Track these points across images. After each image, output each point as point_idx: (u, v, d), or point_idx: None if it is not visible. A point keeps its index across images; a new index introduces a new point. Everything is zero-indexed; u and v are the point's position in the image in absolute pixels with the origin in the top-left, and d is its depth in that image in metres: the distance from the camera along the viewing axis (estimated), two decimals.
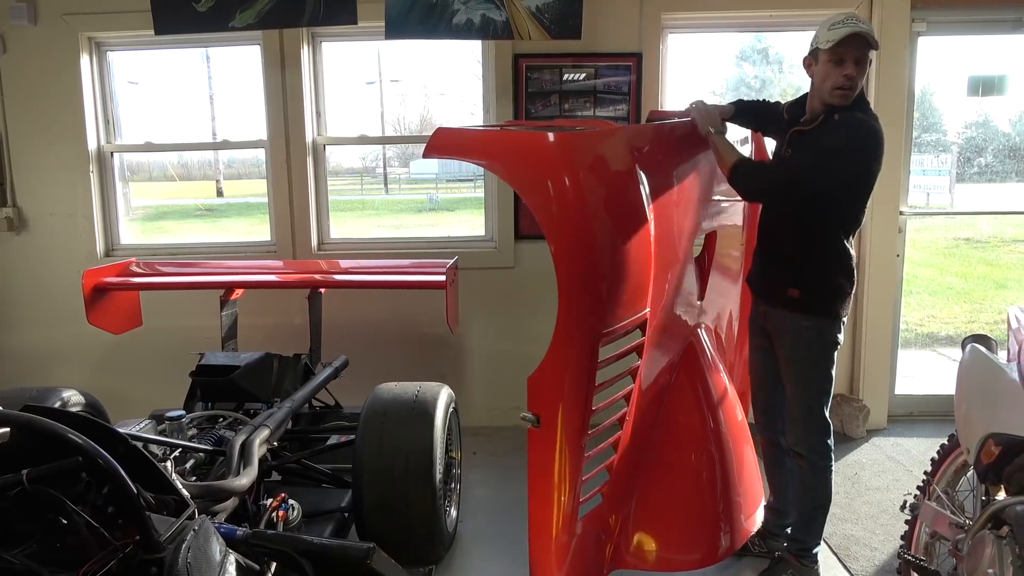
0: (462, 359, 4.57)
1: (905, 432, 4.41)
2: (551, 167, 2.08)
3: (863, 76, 2.48)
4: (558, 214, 2.07)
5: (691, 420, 2.73)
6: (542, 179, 2.07)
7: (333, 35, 4.45)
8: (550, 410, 2.14)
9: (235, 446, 2.45)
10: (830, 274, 2.58)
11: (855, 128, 2.44)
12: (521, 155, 2.18)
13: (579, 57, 4.27)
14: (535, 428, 2.14)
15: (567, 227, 2.08)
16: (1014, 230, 7.76)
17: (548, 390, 2.14)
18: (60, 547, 1.33)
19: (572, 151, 2.15)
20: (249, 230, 5.50)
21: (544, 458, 2.17)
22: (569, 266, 2.07)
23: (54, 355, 4.58)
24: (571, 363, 2.14)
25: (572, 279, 2.09)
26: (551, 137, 2.13)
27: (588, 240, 2.11)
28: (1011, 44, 4.50)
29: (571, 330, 2.12)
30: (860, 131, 2.44)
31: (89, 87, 4.45)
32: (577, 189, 2.09)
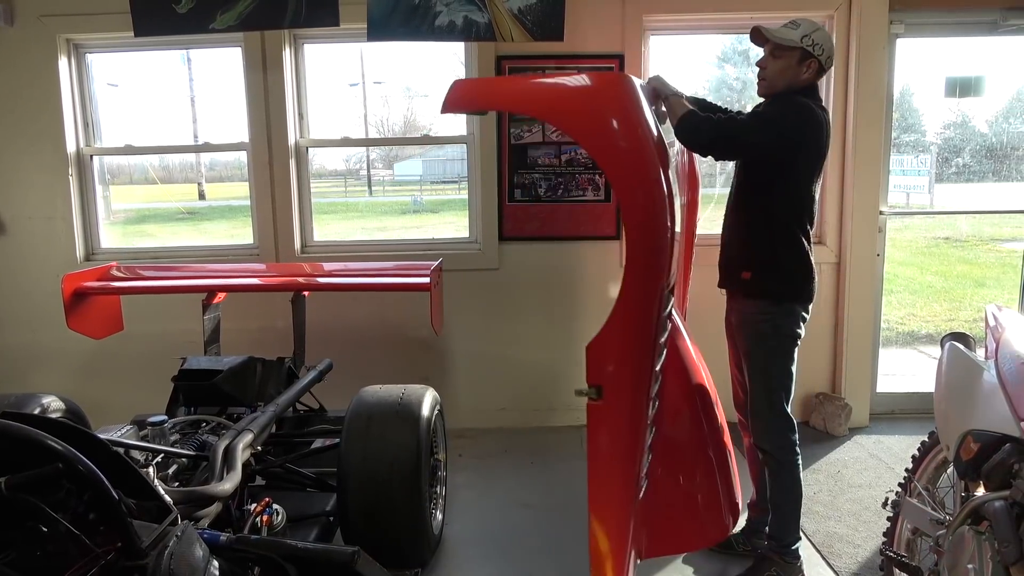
0: (447, 361, 4.56)
1: (887, 430, 4.46)
2: (609, 101, 2.02)
3: (778, 68, 2.63)
4: (627, 154, 1.96)
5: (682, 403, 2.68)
6: (606, 118, 1.98)
7: (315, 37, 4.44)
8: (616, 378, 1.99)
9: (218, 451, 2.43)
10: (779, 257, 2.68)
11: (788, 102, 2.60)
12: (576, 100, 2.07)
13: (561, 59, 4.29)
14: (596, 401, 1.99)
15: (637, 168, 1.96)
16: (992, 229, 7.87)
17: (614, 355, 1.98)
18: (41, 555, 1.32)
19: (626, 86, 2.11)
20: (231, 233, 5.45)
21: (609, 434, 2.03)
22: (638, 211, 1.95)
23: (33, 361, 4.52)
24: (641, 320, 2.01)
25: (641, 226, 1.95)
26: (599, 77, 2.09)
27: (655, 181, 1.98)
28: (988, 46, 4.56)
29: (643, 281, 1.97)
30: (792, 103, 2.59)
31: (67, 89, 4.40)
32: (642, 126, 2.03)
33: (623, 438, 2.06)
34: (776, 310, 2.68)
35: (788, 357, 2.71)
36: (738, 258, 2.77)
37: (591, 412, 2.01)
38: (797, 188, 2.66)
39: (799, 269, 2.70)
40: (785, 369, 2.71)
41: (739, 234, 2.78)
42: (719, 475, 2.66)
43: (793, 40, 2.58)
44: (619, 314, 1.98)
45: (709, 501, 2.65)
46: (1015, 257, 5.01)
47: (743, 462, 2.98)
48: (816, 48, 2.60)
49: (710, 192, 4.40)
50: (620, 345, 2.00)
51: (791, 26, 2.62)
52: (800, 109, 2.57)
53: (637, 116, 2.04)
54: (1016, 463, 1.81)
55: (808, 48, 2.59)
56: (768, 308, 2.69)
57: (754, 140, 2.53)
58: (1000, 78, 4.68)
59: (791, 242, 2.68)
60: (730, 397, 3.02)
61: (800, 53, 2.60)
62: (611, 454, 2.08)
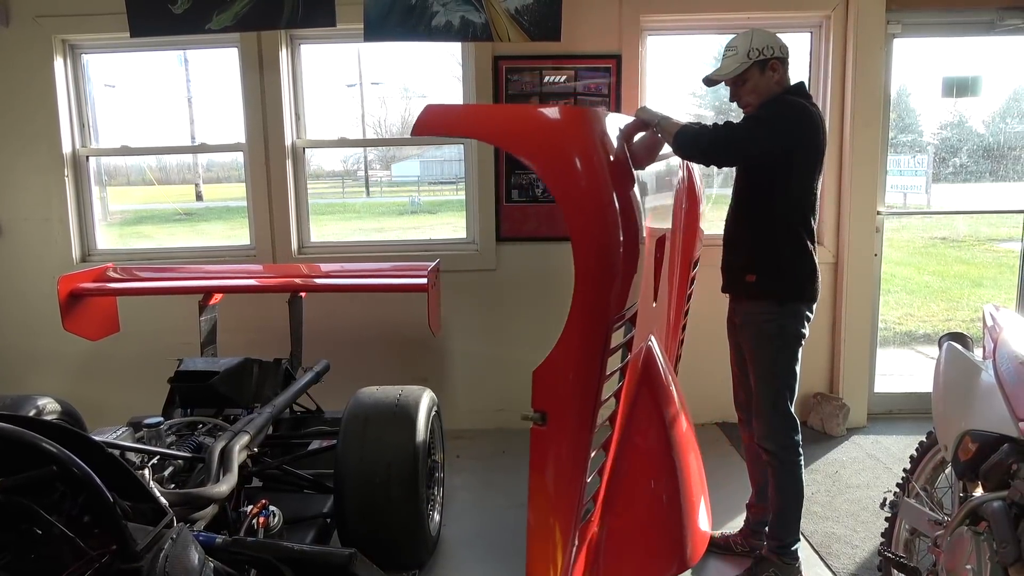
0: (444, 362, 4.56)
1: (884, 430, 4.46)
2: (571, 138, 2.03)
3: (750, 90, 2.67)
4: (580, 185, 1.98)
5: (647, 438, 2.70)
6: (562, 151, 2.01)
7: (312, 37, 4.43)
8: (559, 405, 2.03)
9: (214, 453, 2.42)
10: (783, 257, 2.67)
11: (781, 103, 2.62)
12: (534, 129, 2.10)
13: (558, 59, 4.28)
14: (540, 427, 2.02)
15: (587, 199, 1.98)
16: (989, 229, 7.88)
17: (558, 383, 2.02)
18: (35, 558, 1.31)
19: (591, 123, 2.12)
20: (228, 234, 5.44)
21: (551, 459, 2.06)
22: (589, 239, 1.97)
23: (29, 362, 4.51)
24: (586, 351, 2.02)
25: (591, 254, 1.98)
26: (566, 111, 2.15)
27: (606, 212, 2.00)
28: (985, 46, 4.56)
29: (589, 313, 2.00)
30: (784, 103, 2.61)
31: (63, 90, 4.39)
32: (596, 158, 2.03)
33: (565, 465, 2.09)
34: (781, 311, 2.68)
35: (793, 357, 2.71)
36: (742, 261, 2.77)
37: (534, 437, 2.05)
38: (798, 187, 2.65)
39: (803, 269, 2.69)
40: (790, 369, 2.71)
41: (742, 237, 2.79)
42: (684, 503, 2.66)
43: (743, 62, 2.62)
44: (565, 343, 2.02)
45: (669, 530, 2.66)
46: (1012, 257, 5.02)
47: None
48: (766, 51, 2.61)
49: (707, 192, 4.40)
50: (565, 374, 2.03)
51: (731, 52, 2.67)
52: (793, 107, 2.59)
53: (595, 155, 2.04)
54: (1014, 463, 1.81)
55: (759, 59, 2.61)
56: (773, 309, 2.68)
57: (752, 141, 2.51)
58: (997, 78, 4.69)
59: (794, 242, 2.67)
60: (725, 398, 3.02)
61: (757, 66, 2.62)
62: (552, 480, 2.10)
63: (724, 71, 2.67)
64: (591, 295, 2.02)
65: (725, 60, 2.68)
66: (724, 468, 3.87)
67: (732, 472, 3.85)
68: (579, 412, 2.06)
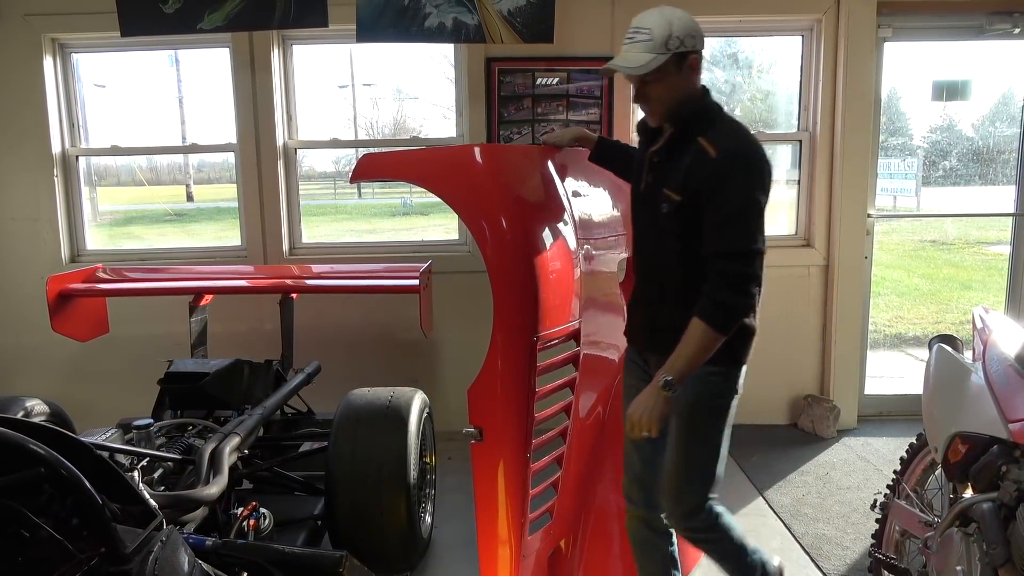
0: (436, 364, 4.55)
1: (875, 432, 4.48)
2: (478, 175, 2.15)
3: (662, 90, 2.07)
4: (489, 221, 2.10)
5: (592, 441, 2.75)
6: (470, 187, 2.12)
7: (304, 38, 4.42)
8: (492, 421, 2.13)
9: (205, 454, 2.41)
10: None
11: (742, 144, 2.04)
12: (449, 168, 2.25)
13: (551, 61, 4.28)
14: (478, 442, 2.13)
15: (498, 233, 2.10)
16: (978, 232, 7.93)
17: (489, 400, 2.13)
18: (22, 561, 1.29)
19: (500, 162, 2.25)
20: (219, 235, 5.42)
21: (489, 473, 2.16)
22: (502, 271, 2.10)
23: (17, 363, 4.47)
24: (510, 370, 2.13)
25: (505, 283, 2.11)
26: (477, 150, 2.23)
27: (518, 242, 2.13)
28: (974, 50, 4.60)
29: (507, 335, 2.13)
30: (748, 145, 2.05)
31: (53, 89, 4.36)
32: (504, 194, 2.16)
33: (505, 478, 2.17)
34: (726, 368, 2.23)
35: (725, 416, 2.30)
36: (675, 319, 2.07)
37: (474, 452, 2.16)
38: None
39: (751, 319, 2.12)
40: (721, 431, 2.27)
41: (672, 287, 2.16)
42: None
43: (658, 53, 2.01)
44: (490, 363, 2.13)
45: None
46: (1001, 260, 5.05)
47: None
48: (687, 41, 2.03)
49: None
50: (494, 392, 2.14)
51: (644, 35, 2.03)
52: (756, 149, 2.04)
53: (501, 192, 2.15)
54: (1004, 465, 1.82)
55: (680, 50, 2.03)
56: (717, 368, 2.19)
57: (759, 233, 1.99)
58: (986, 82, 4.72)
59: None
60: None
61: (674, 59, 2.03)
62: (495, 494, 2.17)
63: (634, 63, 2.02)
64: (508, 318, 2.13)
65: (634, 45, 2.04)
66: None
67: (726, 474, 3.85)
68: (512, 428, 2.15)
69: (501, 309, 2.11)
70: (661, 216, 2.11)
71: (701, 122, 2.08)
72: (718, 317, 1.96)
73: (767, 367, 4.54)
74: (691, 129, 2.07)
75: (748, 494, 3.67)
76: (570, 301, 2.35)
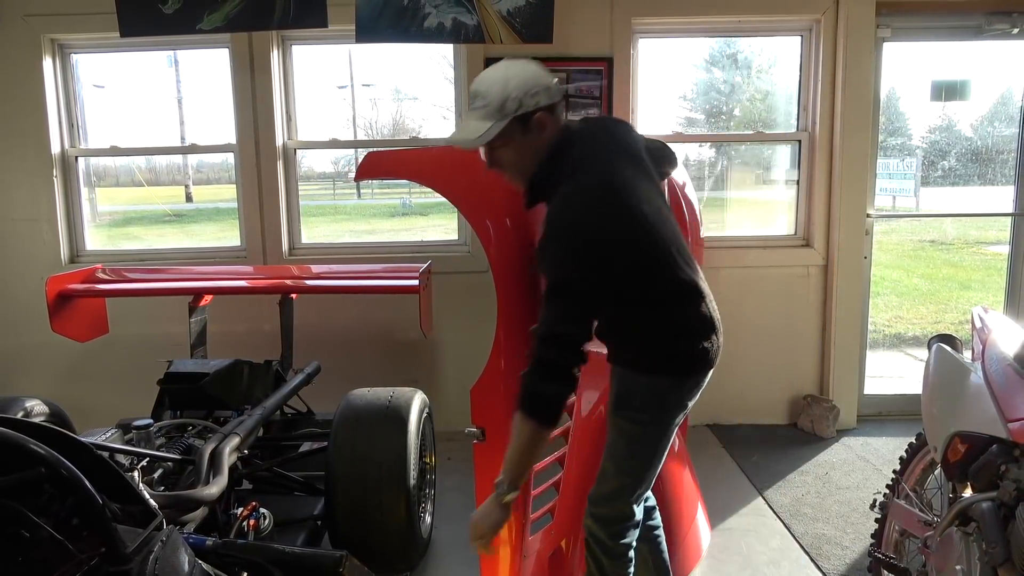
0: (435, 364, 4.55)
1: (874, 431, 4.48)
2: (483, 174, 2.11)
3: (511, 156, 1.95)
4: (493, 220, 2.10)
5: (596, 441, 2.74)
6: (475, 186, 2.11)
7: (303, 38, 4.42)
8: (495, 422, 2.12)
9: (204, 455, 2.41)
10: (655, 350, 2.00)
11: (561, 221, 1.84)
12: (454, 167, 2.25)
13: (550, 61, 4.27)
14: (480, 442, 2.12)
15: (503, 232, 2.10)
16: (977, 232, 7.93)
17: (491, 401, 2.13)
18: (23, 561, 1.30)
19: None
20: (219, 235, 5.41)
21: (491, 473, 2.11)
22: (505, 268, 2.09)
23: (17, 364, 4.47)
24: (513, 370, 2.11)
25: (509, 283, 2.10)
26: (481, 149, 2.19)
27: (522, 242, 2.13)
28: (973, 50, 4.60)
29: (511, 336, 2.13)
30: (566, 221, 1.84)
31: (52, 90, 4.36)
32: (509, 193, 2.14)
33: None
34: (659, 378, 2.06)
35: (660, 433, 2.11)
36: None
37: (476, 452, 2.17)
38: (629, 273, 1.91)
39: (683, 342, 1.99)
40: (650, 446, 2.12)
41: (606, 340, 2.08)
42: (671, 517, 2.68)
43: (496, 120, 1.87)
44: (493, 362, 2.15)
45: None
46: (1000, 260, 5.05)
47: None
48: (527, 100, 1.87)
49: (700, 195, 4.42)
50: (497, 392, 2.15)
51: (480, 102, 1.89)
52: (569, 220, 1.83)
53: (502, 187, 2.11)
54: (1003, 464, 1.82)
55: (516, 111, 1.87)
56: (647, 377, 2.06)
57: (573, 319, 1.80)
58: (985, 82, 4.72)
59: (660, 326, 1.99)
60: (717, 400, 3.02)
61: (518, 124, 1.89)
62: None
63: (471, 134, 1.88)
64: (511, 318, 2.14)
65: (472, 113, 1.90)
66: (717, 470, 3.89)
67: (725, 474, 3.87)
68: None
69: (505, 309, 2.11)
70: None
71: (549, 186, 1.93)
72: (523, 403, 1.81)
73: (767, 367, 4.56)
74: (543, 194, 1.95)
75: (747, 494, 3.67)
76: None
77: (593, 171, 1.90)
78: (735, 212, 5.00)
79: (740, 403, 4.58)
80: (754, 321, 4.52)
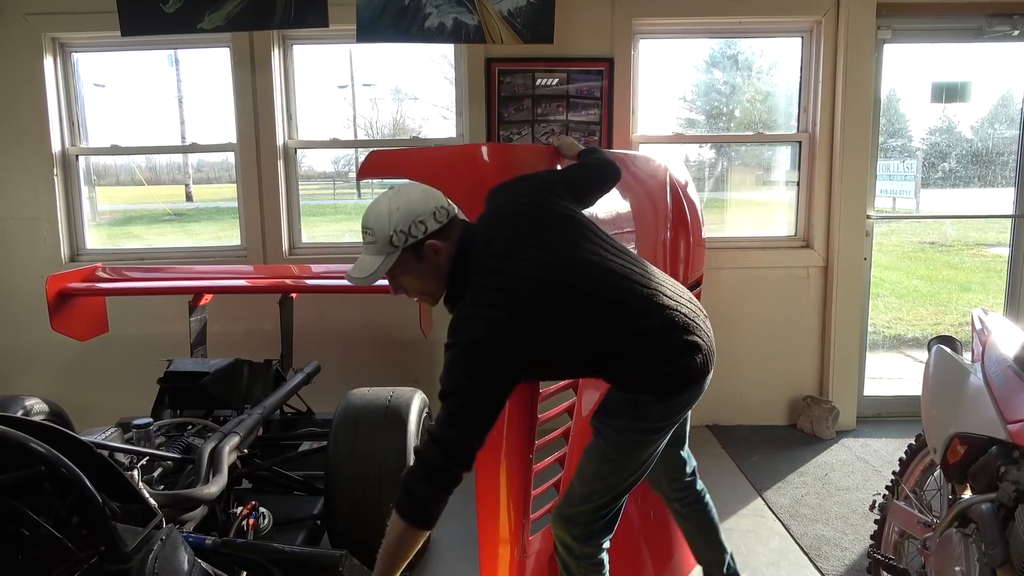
0: (435, 364, 4.54)
1: (874, 433, 4.48)
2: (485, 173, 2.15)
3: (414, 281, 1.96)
4: None
5: None
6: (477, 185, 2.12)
7: (304, 38, 4.42)
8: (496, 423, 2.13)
9: (204, 454, 2.41)
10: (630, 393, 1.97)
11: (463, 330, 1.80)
12: (456, 167, 2.25)
13: (551, 62, 4.29)
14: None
15: None
16: (977, 234, 7.93)
17: None
18: (23, 559, 1.30)
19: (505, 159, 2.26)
20: (219, 234, 5.41)
21: (492, 474, 2.15)
22: None
23: (17, 363, 4.47)
24: None
25: None
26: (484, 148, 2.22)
27: None
28: (973, 52, 4.60)
29: None
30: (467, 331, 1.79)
31: (53, 89, 4.36)
32: None
33: (507, 479, 2.16)
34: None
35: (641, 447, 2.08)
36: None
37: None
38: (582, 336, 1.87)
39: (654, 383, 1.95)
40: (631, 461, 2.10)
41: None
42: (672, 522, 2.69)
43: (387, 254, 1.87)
44: None
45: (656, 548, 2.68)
46: (1000, 262, 5.05)
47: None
48: (413, 229, 1.85)
49: (700, 195, 4.42)
50: None
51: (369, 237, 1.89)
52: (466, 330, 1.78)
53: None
54: (1002, 465, 1.82)
55: (405, 244, 1.86)
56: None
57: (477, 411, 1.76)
58: (985, 84, 4.72)
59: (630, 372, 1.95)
60: (716, 401, 3.02)
61: (411, 253, 1.88)
62: (497, 495, 2.17)
63: (365, 271, 1.88)
64: None
65: (366, 248, 1.91)
66: (717, 471, 3.89)
67: (725, 475, 3.87)
68: (515, 429, 2.14)
69: None
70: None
71: (455, 301, 1.92)
72: (398, 500, 1.77)
73: (766, 368, 4.56)
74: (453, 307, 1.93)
75: (747, 495, 3.67)
76: None
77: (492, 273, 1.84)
78: (735, 213, 5.00)
79: (740, 404, 4.58)
80: (754, 322, 4.53)
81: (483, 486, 2.18)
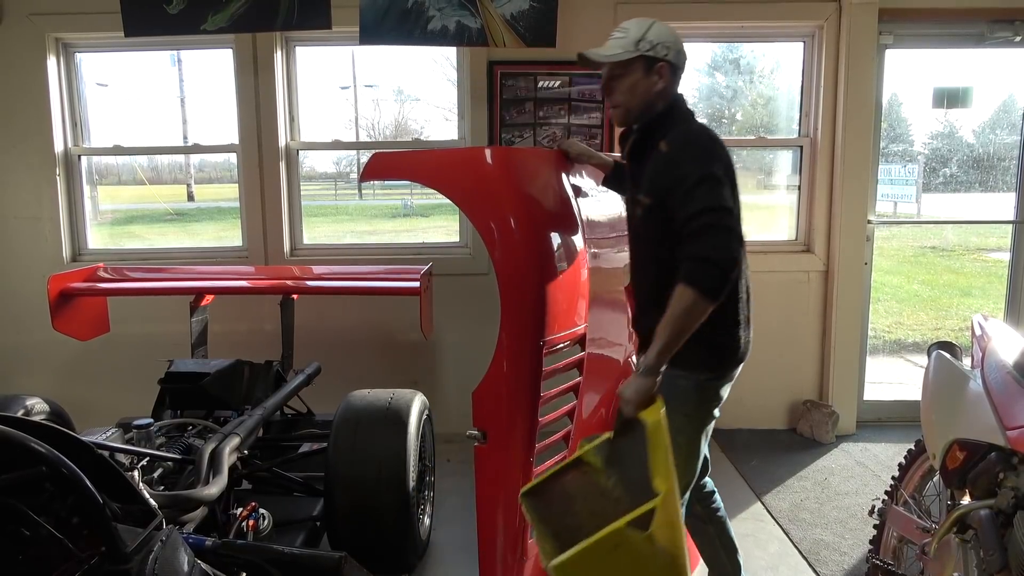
0: (436, 366, 4.55)
1: (873, 437, 4.48)
2: (489, 176, 2.16)
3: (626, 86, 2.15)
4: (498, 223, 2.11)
5: None
6: (480, 188, 2.12)
7: (307, 40, 4.43)
8: (496, 425, 2.13)
9: (204, 455, 2.41)
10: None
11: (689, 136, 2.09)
12: (459, 169, 2.26)
13: (553, 65, 4.29)
14: (481, 445, 2.14)
15: (508, 235, 2.11)
16: (978, 239, 7.94)
17: (494, 404, 2.13)
18: (23, 559, 1.30)
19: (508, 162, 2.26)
20: (220, 235, 5.42)
21: (492, 476, 2.16)
22: (511, 273, 2.11)
23: (18, 362, 4.48)
24: (516, 374, 2.13)
25: (513, 287, 2.11)
26: (487, 152, 2.24)
27: (527, 245, 2.13)
28: (975, 57, 4.60)
29: (514, 339, 2.13)
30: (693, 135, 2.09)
31: (56, 89, 4.37)
32: (515, 197, 2.16)
33: (506, 482, 2.17)
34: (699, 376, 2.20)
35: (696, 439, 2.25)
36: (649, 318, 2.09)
37: (477, 455, 2.17)
38: None
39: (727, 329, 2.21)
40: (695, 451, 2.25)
41: (647, 286, 2.22)
42: None
43: (628, 50, 2.12)
44: (496, 366, 2.13)
45: None
46: (1000, 267, 5.05)
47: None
48: (659, 48, 2.11)
49: None
50: (499, 395, 2.14)
51: (620, 33, 2.18)
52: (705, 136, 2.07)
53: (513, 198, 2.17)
54: (1001, 471, 1.82)
55: (649, 53, 2.11)
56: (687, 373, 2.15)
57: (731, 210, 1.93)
58: (986, 89, 4.73)
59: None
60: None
61: (643, 61, 2.12)
62: (497, 497, 2.18)
63: (606, 52, 2.15)
64: (515, 322, 2.13)
65: (610, 41, 2.18)
66: (716, 474, 3.87)
67: (724, 478, 3.86)
68: (517, 431, 2.16)
69: (509, 312, 2.10)
70: (638, 222, 2.20)
71: (662, 127, 2.13)
72: (697, 274, 1.84)
73: (766, 372, 4.56)
74: (653, 134, 2.13)
75: (746, 499, 3.67)
76: (577, 305, 2.35)
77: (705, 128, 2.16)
78: None
79: (739, 408, 4.57)
80: (754, 325, 4.51)
81: (483, 488, 2.18)
